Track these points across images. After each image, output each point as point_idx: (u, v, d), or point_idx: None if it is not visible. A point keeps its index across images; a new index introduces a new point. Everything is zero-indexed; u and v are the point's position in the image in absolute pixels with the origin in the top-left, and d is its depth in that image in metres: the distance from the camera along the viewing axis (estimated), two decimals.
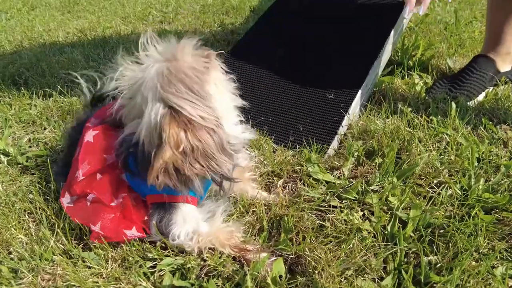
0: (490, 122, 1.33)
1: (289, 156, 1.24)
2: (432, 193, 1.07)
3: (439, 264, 0.87)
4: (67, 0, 3.44)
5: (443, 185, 1.08)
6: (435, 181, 1.10)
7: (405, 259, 0.91)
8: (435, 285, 0.83)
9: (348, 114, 1.35)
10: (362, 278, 0.85)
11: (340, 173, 1.18)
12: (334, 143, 1.29)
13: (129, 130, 0.84)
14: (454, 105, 1.37)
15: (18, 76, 1.90)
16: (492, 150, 1.22)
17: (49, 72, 1.90)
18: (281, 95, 1.51)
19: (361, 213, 1.01)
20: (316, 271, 0.86)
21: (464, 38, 2.05)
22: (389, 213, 1.01)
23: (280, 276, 0.85)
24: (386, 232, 0.97)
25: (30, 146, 1.41)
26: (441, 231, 0.95)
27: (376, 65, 1.55)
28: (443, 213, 1.00)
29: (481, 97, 1.54)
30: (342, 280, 0.85)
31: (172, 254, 0.93)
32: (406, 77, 1.66)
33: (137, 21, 2.77)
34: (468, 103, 1.48)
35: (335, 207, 1.04)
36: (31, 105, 1.66)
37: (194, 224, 0.92)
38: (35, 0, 3.65)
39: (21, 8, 3.41)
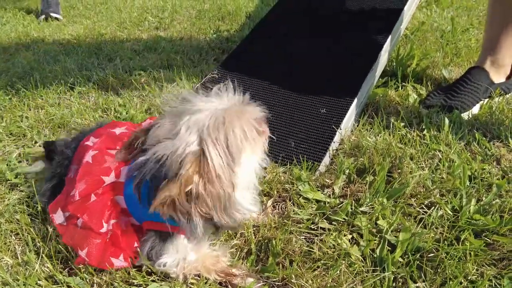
0: (484, 138, 1.32)
1: (280, 173, 1.23)
2: (423, 213, 1.06)
3: None
4: (63, 4, 3.42)
5: (434, 206, 1.07)
6: (426, 202, 1.08)
7: (393, 284, 0.90)
8: None
9: (340, 129, 1.34)
10: None
11: (331, 191, 1.17)
12: (326, 159, 1.28)
13: (154, 151, 0.80)
14: (447, 121, 1.36)
15: (10, 86, 1.88)
16: (484, 167, 1.20)
17: (41, 82, 1.89)
18: (274, 109, 1.50)
19: (350, 236, 1.00)
20: None
21: (460, 46, 2.04)
22: (378, 236, 1.00)
23: None
24: (375, 255, 0.95)
25: (20, 161, 1.39)
26: (431, 255, 0.94)
27: (369, 78, 1.54)
28: (433, 235, 0.99)
29: (475, 110, 1.53)
30: None
31: (158, 280, 0.92)
32: (400, 88, 1.65)
33: (132, 27, 2.75)
34: (462, 114, 1.46)
35: (324, 229, 1.02)
36: (22, 117, 1.65)
37: (183, 254, 0.90)
38: (31, 3, 3.63)
39: (17, 12, 3.40)
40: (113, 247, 0.88)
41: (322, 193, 1.16)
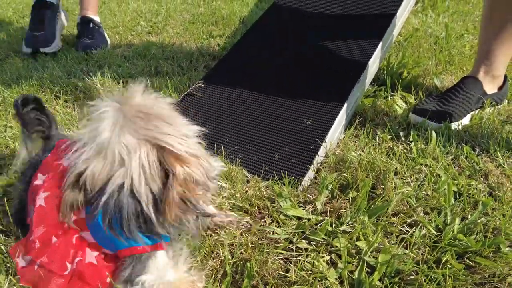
0: (472, 152, 1.29)
1: (262, 187, 1.20)
2: (405, 232, 1.03)
3: None
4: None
5: (417, 225, 1.04)
6: (408, 221, 1.06)
7: None
8: None
9: (325, 142, 1.31)
10: None
11: (313, 207, 1.14)
12: (310, 174, 1.25)
13: (110, 189, 0.77)
14: (434, 134, 1.33)
15: None
16: (472, 183, 1.17)
17: (27, 91, 1.87)
18: (258, 120, 1.47)
19: (328, 258, 0.97)
20: None
21: (454, 53, 2.00)
22: (357, 257, 0.97)
23: None
24: (353, 277, 0.93)
25: (0, 173, 1.37)
26: (410, 277, 0.91)
27: (357, 88, 1.51)
28: (414, 255, 0.96)
29: (466, 121, 1.50)
30: None
31: None
32: (389, 98, 1.62)
33: (125, 31, 2.73)
34: (452, 124, 1.43)
35: (302, 249, 1.00)
36: (6, 127, 1.62)
37: (163, 272, 0.87)
38: (27, 7, 3.61)
39: (11, 15, 3.38)
40: (80, 282, 0.85)
41: (304, 209, 1.13)
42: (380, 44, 1.69)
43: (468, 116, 1.51)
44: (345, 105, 1.42)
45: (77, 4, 3.00)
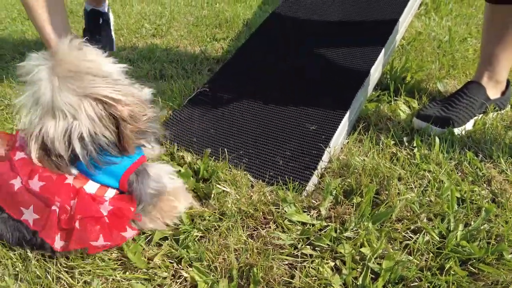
0: (475, 158, 1.30)
1: (266, 192, 1.21)
2: (408, 239, 1.04)
3: None
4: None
5: (420, 231, 1.05)
6: (412, 227, 1.07)
7: None
8: None
9: (329, 147, 1.33)
10: None
11: (317, 212, 1.15)
12: (314, 179, 1.26)
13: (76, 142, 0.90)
14: (437, 140, 1.34)
15: (3, 96, 1.88)
16: (475, 189, 1.18)
17: None
18: (262, 124, 1.48)
19: (332, 264, 0.98)
20: None
21: (457, 57, 2.01)
22: (362, 263, 0.98)
23: None
24: (358, 284, 0.94)
25: None
26: (414, 284, 0.92)
27: (360, 93, 1.52)
28: (418, 262, 0.98)
29: (469, 126, 1.51)
30: None
31: None
32: (392, 103, 1.63)
33: (129, 34, 2.74)
34: (455, 130, 1.44)
35: (307, 255, 1.01)
36: (12, 130, 1.64)
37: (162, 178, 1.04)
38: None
39: (16, 17, 3.40)
40: (118, 218, 0.95)
41: (308, 214, 1.14)
42: (383, 50, 1.70)
43: (471, 121, 1.52)
44: (349, 110, 1.43)
45: (81, 6, 3.02)
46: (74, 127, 0.87)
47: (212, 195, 1.19)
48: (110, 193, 0.99)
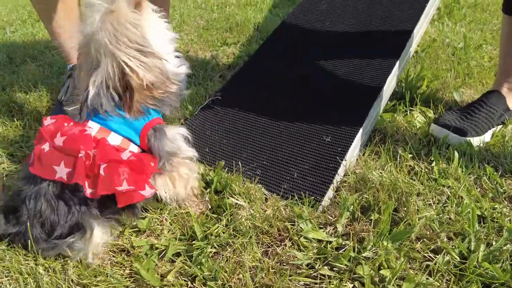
0: (495, 173, 1.27)
1: (281, 207, 1.19)
2: (428, 259, 1.02)
3: None
4: None
5: (440, 251, 1.02)
6: (432, 246, 1.04)
7: None
8: None
9: (345, 160, 1.30)
10: None
11: (333, 229, 1.13)
12: (329, 193, 1.24)
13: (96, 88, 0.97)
14: (457, 154, 1.30)
15: (13, 103, 1.87)
16: (496, 206, 1.15)
17: (46, 99, 1.87)
18: (276, 135, 1.46)
19: (351, 286, 0.96)
20: None
21: (473, 65, 1.97)
22: (381, 285, 0.95)
23: None
24: None
25: None
26: None
27: (376, 105, 1.49)
28: (438, 284, 0.95)
29: (488, 137, 1.47)
30: None
31: None
32: (408, 113, 1.60)
33: None
34: (473, 140, 1.41)
35: (324, 275, 0.98)
36: (24, 137, 1.63)
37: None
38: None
39: (26, 19, 3.40)
40: (138, 170, 0.99)
41: (324, 231, 1.11)
42: (398, 62, 1.66)
43: (490, 132, 1.49)
44: (365, 122, 1.40)
45: None
46: (96, 73, 0.96)
47: (226, 209, 1.17)
48: (133, 148, 1.05)
